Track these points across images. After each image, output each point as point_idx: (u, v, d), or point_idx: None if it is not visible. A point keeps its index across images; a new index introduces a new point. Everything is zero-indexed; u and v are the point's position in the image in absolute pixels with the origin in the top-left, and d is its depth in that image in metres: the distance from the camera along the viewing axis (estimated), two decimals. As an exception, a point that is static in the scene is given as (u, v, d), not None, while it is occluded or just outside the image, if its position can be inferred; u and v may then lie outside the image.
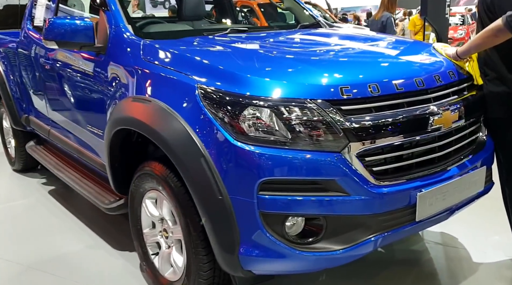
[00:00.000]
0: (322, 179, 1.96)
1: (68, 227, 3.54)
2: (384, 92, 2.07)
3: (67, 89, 3.31)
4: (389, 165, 2.08)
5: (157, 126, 2.20)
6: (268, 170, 1.94)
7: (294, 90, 1.99)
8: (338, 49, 2.70)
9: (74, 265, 3.00)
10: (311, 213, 1.99)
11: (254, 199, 1.96)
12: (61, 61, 3.35)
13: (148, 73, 2.41)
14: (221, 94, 2.03)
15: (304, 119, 1.96)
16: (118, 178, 2.76)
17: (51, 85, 3.63)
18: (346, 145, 1.97)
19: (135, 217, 2.70)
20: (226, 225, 2.02)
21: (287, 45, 2.82)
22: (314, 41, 3.00)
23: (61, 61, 3.36)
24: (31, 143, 4.40)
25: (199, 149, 2.03)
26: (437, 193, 2.15)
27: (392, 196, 2.04)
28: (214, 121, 2.02)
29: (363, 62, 2.42)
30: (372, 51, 2.64)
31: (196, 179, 2.06)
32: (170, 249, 2.52)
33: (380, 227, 2.05)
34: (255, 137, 1.97)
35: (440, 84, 2.27)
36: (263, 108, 1.97)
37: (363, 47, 2.74)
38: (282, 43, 2.86)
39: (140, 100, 2.37)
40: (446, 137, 2.25)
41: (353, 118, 1.99)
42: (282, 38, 2.98)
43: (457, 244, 3.11)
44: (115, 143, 2.62)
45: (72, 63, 3.18)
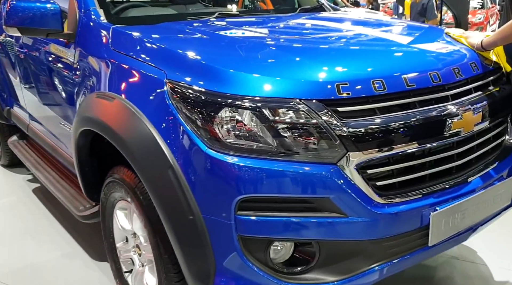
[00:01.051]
0: (314, 197, 1.61)
1: (46, 231, 3.24)
2: (391, 90, 1.70)
3: (41, 81, 2.98)
4: (397, 178, 1.71)
5: (119, 128, 1.85)
6: (247, 186, 1.59)
7: (280, 87, 1.63)
8: (338, 38, 2.31)
9: (43, 278, 2.70)
10: (301, 238, 1.65)
11: (231, 220, 1.62)
12: (34, 50, 3.02)
13: (114, 65, 2.06)
14: (192, 91, 1.68)
15: (292, 124, 1.60)
16: (89, 183, 2.43)
17: (26, 76, 3.30)
18: (344, 155, 1.61)
19: (108, 229, 2.38)
20: (198, 251, 1.69)
21: (278, 33, 2.43)
22: (312, 27, 2.60)
23: (33, 49, 3.02)
24: (14, 138, 4.10)
25: (167, 158, 1.68)
26: (455, 211, 1.79)
27: (399, 217, 1.68)
28: (184, 125, 1.67)
29: (366, 53, 2.03)
30: (379, 40, 2.25)
31: (162, 194, 1.72)
32: (143, 268, 2.20)
33: (384, 254, 1.69)
34: (233, 145, 1.61)
35: (460, 78, 1.88)
36: (242, 110, 1.61)
37: (368, 34, 2.33)
38: (273, 30, 2.47)
39: (103, 97, 2.03)
40: (466, 143, 1.88)
41: (352, 122, 1.62)
42: (274, 24, 2.58)
43: (477, 259, 2.73)
44: (83, 144, 2.28)
45: (44, 52, 2.84)
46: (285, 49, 1.97)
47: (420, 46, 2.03)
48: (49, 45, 2.74)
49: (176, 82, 1.72)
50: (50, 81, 2.82)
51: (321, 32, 2.47)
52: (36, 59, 3.01)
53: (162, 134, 1.71)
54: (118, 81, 1.99)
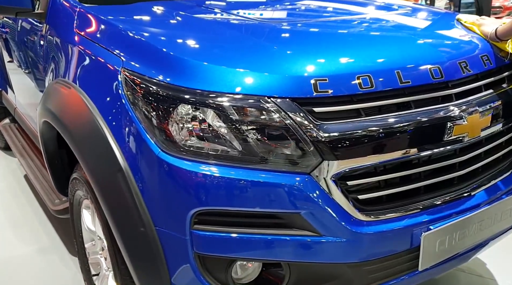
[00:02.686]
0: (282, 212, 1.37)
1: (28, 222, 3.09)
2: (380, 87, 1.43)
3: (21, 63, 2.80)
4: (383, 191, 1.46)
5: (68, 122, 1.64)
6: (205, 196, 1.37)
7: (247, 82, 1.37)
8: (319, 24, 1.98)
9: (14, 273, 2.55)
10: (267, 259, 1.42)
11: (186, 235, 1.40)
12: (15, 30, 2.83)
13: (77, 50, 1.83)
14: (146, 83, 1.44)
15: (259, 125, 1.36)
16: (59, 177, 2.25)
17: (11, 57, 3.13)
18: (319, 164, 1.36)
19: (77, 228, 2.19)
20: (151, 267, 1.48)
21: (254, 14, 2.12)
22: (289, 11, 2.27)
23: (15, 29, 2.83)
24: (6, 121, 3.96)
25: (116, 160, 1.46)
26: (453, 230, 1.53)
27: (383, 237, 1.43)
28: (137, 122, 1.45)
29: (352, 42, 1.71)
30: (369, 26, 1.93)
31: (111, 200, 1.51)
32: (108, 272, 2.01)
33: (365, 279, 1.45)
34: (190, 149, 1.38)
35: (467, 74, 1.60)
36: (202, 107, 1.37)
37: (356, 19, 2.01)
38: (250, 9, 2.16)
39: (61, 85, 1.82)
40: (471, 150, 1.61)
41: (331, 125, 1.37)
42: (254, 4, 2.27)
43: (485, 272, 2.46)
44: (48, 136, 2.09)
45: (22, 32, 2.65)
46: (255, 38, 1.70)
47: (421, 34, 1.74)
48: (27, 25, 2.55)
49: (132, 71, 1.49)
50: (27, 64, 2.63)
51: (298, 18, 2.15)
52: (16, 40, 2.83)
53: (113, 132, 1.49)
54: (76, 68, 1.78)
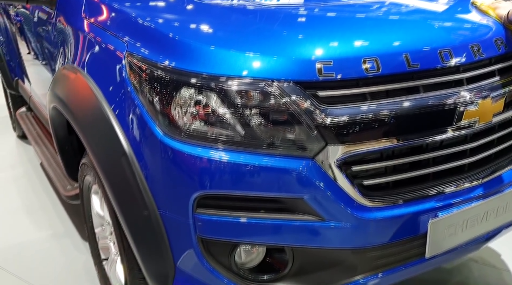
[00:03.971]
0: (285, 196, 1.36)
1: (42, 208, 3.14)
2: (387, 71, 1.40)
3: (35, 50, 2.82)
4: (389, 177, 1.43)
5: (74, 106, 1.65)
6: (207, 180, 1.36)
7: (250, 65, 1.35)
8: (323, 5, 1.90)
9: (28, 257, 2.60)
10: (269, 243, 1.41)
11: (189, 219, 1.40)
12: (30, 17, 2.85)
13: (83, 35, 1.84)
14: (150, 66, 1.43)
15: (263, 109, 1.34)
16: (69, 163, 2.27)
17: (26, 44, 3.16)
18: (322, 148, 1.34)
19: (87, 213, 2.22)
20: (155, 251, 1.48)
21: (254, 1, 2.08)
22: None
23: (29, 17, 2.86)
24: (22, 109, 4.02)
25: (121, 145, 1.47)
26: (462, 218, 1.49)
27: (389, 223, 1.41)
28: (141, 106, 1.44)
29: (357, 23, 1.67)
30: (377, 8, 1.87)
31: (115, 185, 1.51)
32: (117, 257, 2.03)
33: (369, 265, 1.43)
34: (192, 133, 1.38)
35: (480, 58, 1.55)
36: (205, 91, 1.36)
37: (365, 2, 1.93)
38: None
39: (68, 70, 1.83)
40: (483, 136, 1.57)
41: (335, 109, 1.34)
42: None
43: (499, 263, 2.41)
44: (59, 122, 2.11)
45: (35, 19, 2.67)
46: (258, 20, 1.67)
47: (432, 17, 1.69)
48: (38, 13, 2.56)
49: (135, 55, 1.49)
50: (40, 53, 2.65)
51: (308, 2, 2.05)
52: (30, 29, 2.85)
53: (117, 116, 1.50)
54: (83, 54, 1.78)
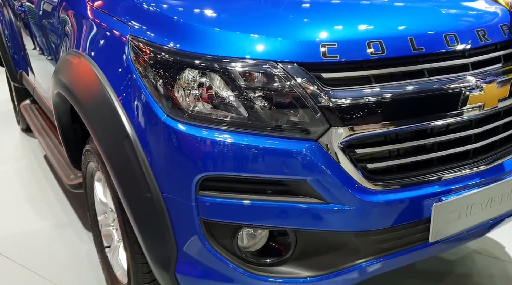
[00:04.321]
0: (288, 179, 1.35)
1: (46, 199, 3.15)
2: (392, 54, 1.39)
3: (39, 39, 2.83)
4: (393, 161, 1.42)
5: (77, 90, 1.65)
6: (210, 162, 1.36)
7: (254, 47, 1.35)
8: None
9: (31, 247, 2.60)
10: (272, 225, 1.40)
11: (192, 201, 1.40)
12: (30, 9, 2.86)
13: (87, 20, 1.84)
14: (153, 48, 1.43)
15: (267, 91, 1.33)
16: (73, 151, 2.27)
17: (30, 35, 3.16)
18: (326, 130, 1.34)
19: (90, 200, 2.22)
20: (158, 234, 1.48)
21: None
22: None
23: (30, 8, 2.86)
24: (26, 102, 4.03)
25: (124, 127, 1.47)
26: (467, 203, 1.49)
27: (392, 207, 1.40)
28: (145, 89, 1.44)
29: (365, 7, 1.66)
30: None
31: (118, 167, 1.51)
32: (119, 244, 2.03)
33: (373, 249, 1.43)
34: (195, 114, 1.37)
35: (485, 43, 1.54)
36: (208, 73, 1.36)
37: None
38: None
39: (72, 55, 1.83)
40: (488, 122, 1.56)
41: (339, 91, 1.34)
42: None
43: (502, 255, 2.40)
44: (62, 109, 2.11)
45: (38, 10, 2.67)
46: (263, 3, 1.67)
47: (437, 1, 1.68)
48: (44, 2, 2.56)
49: (139, 38, 1.48)
50: (44, 42, 2.66)
51: None
52: (34, 18, 2.86)
53: (121, 99, 1.49)
54: (87, 38, 1.78)
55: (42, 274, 2.35)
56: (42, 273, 2.36)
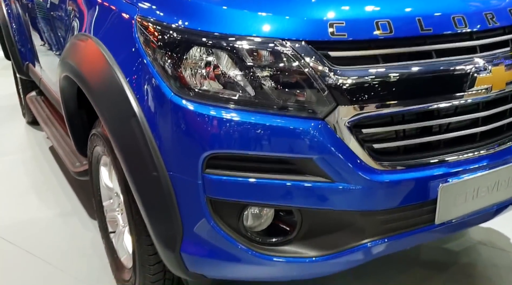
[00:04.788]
0: (295, 157, 1.35)
1: (51, 188, 3.17)
2: (400, 34, 1.39)
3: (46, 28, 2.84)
4: (400, 141, 1.42)
5: (86, 72, 1.66)
6: (217, 140, 1.36)
7: (262, 25, 1.35)
8: None
9: (37, 234, 2.61)
10: (278, 204, 1.40)
11: (198, 179, 1.40)
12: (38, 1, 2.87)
13: (94, 3, 1.84)
14: (160, 27, 1.43)
15: (274, 69, 1.34)
16: (79, 138, 2.28)
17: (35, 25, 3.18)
18: (333, 109, 1.34)
19: (95, 186, 2.23)
20: (164, 212, 1.48)
21: None
22: None
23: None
24: (33, 93, 4.04)
25: (131, 106, 1.47)
26: (473, 186, 1.48)
27: (398, 187, 1.40)
28: (152, 68, 1.44)
29: None
30: None
31: (124, 146, 1.52)
32: (124, 228, 2.04)
33: (378, 229, 1.43)
34: (202, 92, 1.38)
35: (494, 26, 1.53)
36: (216, 50, 1.36)
37: None
38: None
39: (79, 38, 1.84)
40: (496, 105, 1.55)
41: (346, 70, 1.34)
42: None
43: (508, 246, 2.39)
44: (69, 95, 2.12)
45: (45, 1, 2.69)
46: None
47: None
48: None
49: (147, 18, 1.49)
50: (52, 29, 2.67)
51: None
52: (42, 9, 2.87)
53: (128, 79, 1.50)
54: (94, 21, 1.79)
55: (48, 259, 2.36)
56: (47, 259, 2.37)
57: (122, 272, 2.04)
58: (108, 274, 2.18)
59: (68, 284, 2.19)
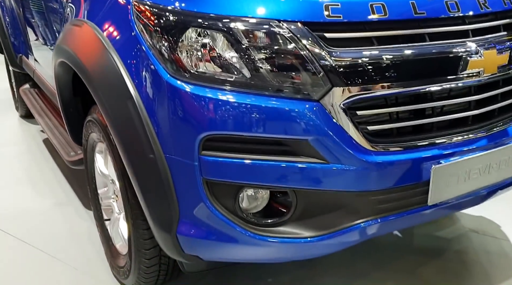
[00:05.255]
0: (290, 138, 1.37)
1: (46, 180, 3.16)
2: (394, 17, 1.41)
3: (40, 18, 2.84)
4: (393, 123, 1.44)
5: (82, 56, 1.66)
6: (213, 121, 1.37)
7: (256, 6, 1.36)
8: None
9: (32, 224, 2.61)
10: (273, 185, 1.41)
11: (195, 161, 1.41)
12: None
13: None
14: (156, 9, 1.44)
15: (270, 50, 1.35)
16: (74, 126, 2.28)
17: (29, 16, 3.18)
18: (328, 91, 1.35)
19: (90, 174, 2.23)
20: (160, 194, 1.49)
21: None
22: None
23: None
24: (26, 86, 4.03)
25: (127, 89, 1.48)
26: (464, 168, 1.50)
27: (392, 168, 1.42)
28: (148, 52, 1.45)
29: None
30: None
31: (121, 129, 1.53)
32: (119, 215, 2.04)
33: (372, 210, 1.44)
34: (198, 74, 1.39)
35: (486, 11, 1.56)
36: (212, 32, 1.37)
37: None
38: None
39: (75, 24, 1.84)
40: (487, 90, 1.58)
41: (341, 52, 1.35)
42: None
43: (499, 233, 2.42)
44: (64, 82, 2.12)
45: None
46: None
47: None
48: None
49: (142, 1, 1.49)
50: (46, 17, 2.67)
51: None
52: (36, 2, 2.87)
53: (125, 62, 1.50)
54: (89, 6, 1.79)
55: (43, 248, 2.36)
56: (42, 248, 2.37)
57: (117, 259, 2.05)
58: (103, 261, 2.19)
59: (63, 272, 2.20)
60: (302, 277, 2.09)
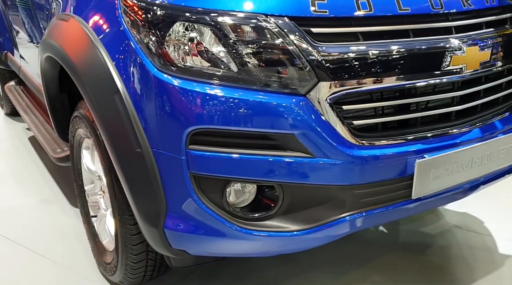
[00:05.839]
0: (276, 133, 1.38)
1: (31, 177, 3.13)
2: (379, 12, 1.43)
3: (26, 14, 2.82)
4: (378, 118, 1.46)
5: (69, 50, 1.66)
6: (200, 115, 1.37)
7: (243, 0, 1.37)
8: None
9: (18, 221, 2.59)
10: (260, 179, 1.42)
11: (182, 155, 1.41)
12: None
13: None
14: (145, 5, 1.44)
15: (256, 44, 1.36)
16: (60, 122, 2.27)
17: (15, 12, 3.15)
18: (314, 85, 1.37)
19: (77, 171, 2.22)
20: (147, 189, 1.49)
21: None
22: None
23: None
24: (11, 83, 3.99)
25: (114, 83, 1.48)
26: (447, 162, 1.53)
27: (376, 162, 1.44)
28: (136, 46, 1.45)
29: None
30: None
31: (107, 123, 1.52)
32: (106, 211, 2.04)
33: (357, 203, 1.46)
34: (184, 68, 1.39)
35: (468, 8, 1.59)
36: (199, 26, 1.38)
37: None
38: None
39: (62, 18, 1.83)
40: (470, 86, 1.61)
41: (328, 46, 1.37)
42: None
43: (482, 229, 2.47)
44: (50, 77, 2.11)
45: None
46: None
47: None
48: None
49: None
50: (32, 13, 2.65)
51: None
52: None
53: (112, 57, 1.50)
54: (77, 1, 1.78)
55: (29, 246, 2.35)
56: (28, 245, 2.35)
57: (104, 255, 2.04)
58: (90, 258, 2.18)
59: (49, 269, 2.18)
60: (288, 273, 2.11)
